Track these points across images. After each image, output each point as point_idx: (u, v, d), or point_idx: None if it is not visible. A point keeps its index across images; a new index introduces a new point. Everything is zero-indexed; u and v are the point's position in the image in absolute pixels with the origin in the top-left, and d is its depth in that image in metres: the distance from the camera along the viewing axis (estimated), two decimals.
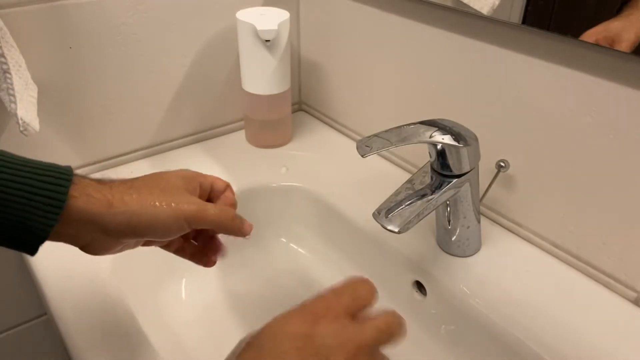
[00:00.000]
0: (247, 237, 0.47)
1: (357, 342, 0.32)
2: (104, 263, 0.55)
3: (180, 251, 0.48)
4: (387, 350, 0.35)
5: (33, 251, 0.38)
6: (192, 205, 0.42)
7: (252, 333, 0.34)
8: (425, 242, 0.61)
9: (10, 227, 0.36)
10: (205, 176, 0.46)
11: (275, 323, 0.34)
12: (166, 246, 0.47)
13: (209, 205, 0.43)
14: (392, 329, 0.35)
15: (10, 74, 0.56)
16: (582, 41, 0.48)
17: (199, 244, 0.49)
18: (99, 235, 0.40)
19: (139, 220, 0.39)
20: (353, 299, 0.35)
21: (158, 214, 0.40)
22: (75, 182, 0.38)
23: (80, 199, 0.37)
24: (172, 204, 0.40)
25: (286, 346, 0.31)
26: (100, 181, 0.40)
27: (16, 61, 0.58)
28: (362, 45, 0.73)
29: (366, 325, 0.34)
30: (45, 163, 0.37)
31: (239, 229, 0.45)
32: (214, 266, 0.50)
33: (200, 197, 0.44)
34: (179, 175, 0.44)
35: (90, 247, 0.41)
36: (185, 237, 0.48)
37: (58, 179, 0.37)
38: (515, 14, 0.52)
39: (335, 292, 0.35)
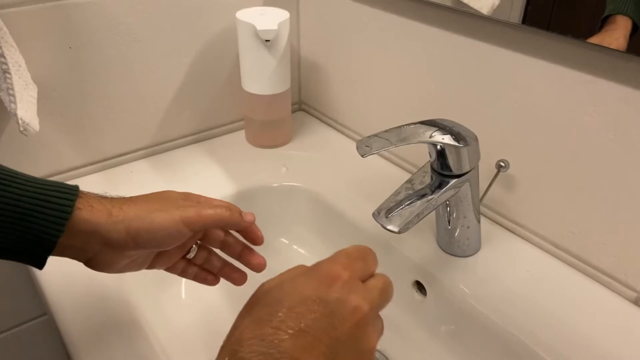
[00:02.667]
0: (258, 239, 0.49)
1: (368, 304, 0.33)
2: None
3: (184, 273, 0.50)
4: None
5: (41, 263, 0.40)
6: (188, 208, 0.43)
7: (267, 287, 0.34)
8: (425, 242, 0.61)
9: (21, 238, 0.38)
10: (206, 197, 0.47)
11: (292, 283, 0.34)
12: (171, 268, 0.49)
13: (205, 205, 0.45)
14: (389, 289, 0.37)
15: (10, 74, 0.56)
16: (582, 41, 0.48)
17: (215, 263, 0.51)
18: (102, 248, 0.41)
19: (138, 227, 0.41)
20: (364, 264, 0.37)
21: (155, 218, 0.41)
22: (80, 196, 0.40)
23: (85, 210, 0.40)
24: (169, 210, 0.42)
25: (302, 309, 0.31)
26: (102, 196, 0.43)
27: (16, 61, 0.58)
28: (362, 45, 0.73)
29: (370, 286, 0.35)
30: (53, 181, 0.41)
31: (240, 220, 0.46)
32: None
33: (197, 212, 0.45)
34: (176, 192, 0.46)
35: (93, 261, 0.42)
36: (188, 261, 0.49)
37: (65, 193, 0.40)
38: (515, 13, 0.52)
39: (349, 256, 0.36)
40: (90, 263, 0.43)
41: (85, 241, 0.41)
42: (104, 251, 0.42)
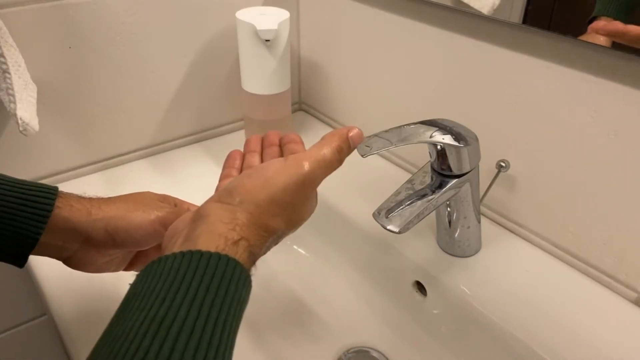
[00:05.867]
0: None
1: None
2: None
3: None
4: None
5: (22, 262, 0.41)
6: (164, 208, 0.44)
7: (276, 190, 0.38)
8: (426, 242, 0.61)
9: (4, 237, 0.39)
10: (182, 201, 0.48)
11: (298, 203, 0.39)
12: None
13: (182, 209, 0.46)
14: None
15: (9, 73, 0.56)
16: (582, 41, 0.48)
17: None
18: (81, 246, 0.42)
19: (116, 225, 0.42)
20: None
21: (133, 218, 0.43)
22: (60, 196, 0.42)
23: (64, 209, 0.41)
24: (146, 209, 0.44)
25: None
26: (81, 196, 0.44)
27: (15, 61, 0.58)
28: (362, 45, 0.73)
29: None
30: (34, 182, 0.42)
31: None
32: None
33: (174, 213, 0.45)
34: (154, 193, 0.47)
35: (73, 260, 0.43)
36: None
37: (46, 193, 0.41)
38: (516, 13, 0.52)
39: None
40: (69, 261, 0.43)
41: (65, 239, 0.41)
42: (83, 249, 0.43)
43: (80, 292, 0.55)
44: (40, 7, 0.61)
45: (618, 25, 0.46)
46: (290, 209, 0.38)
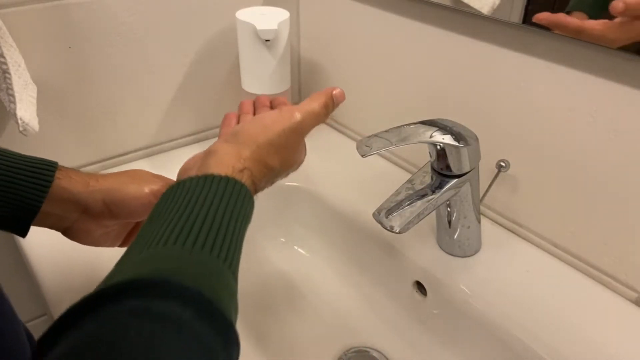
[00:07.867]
0: None
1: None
2: (103, 263, 0.55)
3: None
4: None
5: (24, 230, 0.43)
6: (158, 182, 0.47)
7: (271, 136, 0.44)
8: (426, 242, 0.61)
9: (8, 205, 0.42)
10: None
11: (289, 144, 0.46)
12: None
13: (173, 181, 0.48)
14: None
15: (9, 73, 0.56)
16: (583, 41, 0.48)
17: None
18: (80, 216, 0.45)
19: (113, 196, 0.45)
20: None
21: (129, 190, 0.45)
22: (59, 169, 0.45)
23: (64, 180, 0.44)
24: (141, 183, 0.47)
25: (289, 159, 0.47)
26: (79, 170, 0.47)
27: (15, 61, 0.58)
28: (362, 44, 0.73)
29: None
30: (35, 156, 0.45)
31: None
32: None
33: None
34: (148, 172, 0.50)
35: (71, 230, 0.46)
36: None
37: (47, 165, 0.44)
38: (516, 13, 0.52)
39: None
40: (68, 232, 0.46)
41: (64, 209, 0.44)
42: (82, 219, 0.45)
43: (80, 292, 0.54)
44: (40, 7, 0.61)
45: (559, 17, 0.48)
46: (284, 151, 0.45)
